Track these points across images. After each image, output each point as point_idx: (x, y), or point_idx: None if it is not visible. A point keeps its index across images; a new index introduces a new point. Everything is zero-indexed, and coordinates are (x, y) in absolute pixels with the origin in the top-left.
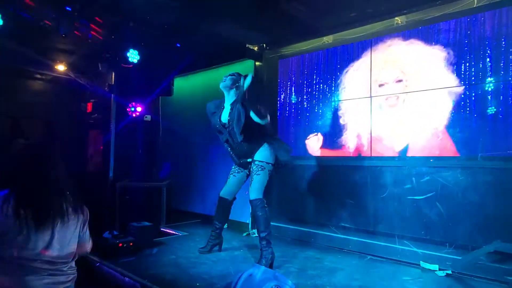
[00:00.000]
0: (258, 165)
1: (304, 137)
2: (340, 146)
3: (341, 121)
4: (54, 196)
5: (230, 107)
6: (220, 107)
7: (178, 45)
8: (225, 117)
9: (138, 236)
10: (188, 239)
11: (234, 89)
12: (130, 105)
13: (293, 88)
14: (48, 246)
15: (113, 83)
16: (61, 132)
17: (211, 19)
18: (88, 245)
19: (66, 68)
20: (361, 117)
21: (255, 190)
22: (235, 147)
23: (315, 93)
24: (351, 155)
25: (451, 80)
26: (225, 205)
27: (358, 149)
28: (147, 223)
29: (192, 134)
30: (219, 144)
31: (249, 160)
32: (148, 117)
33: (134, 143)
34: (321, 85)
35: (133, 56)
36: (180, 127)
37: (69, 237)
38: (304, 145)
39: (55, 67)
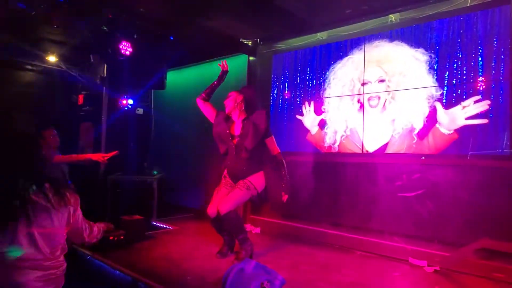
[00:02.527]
0: (246, 183)
1: (296, 133)
2: (331, 143)
3: (335, 118)
4: (22, 191)
5: (241, 123)
6: (229, 120)
7: (172, 38)
8: (235, 130)
9: (129, 230)
10: (180, 233)
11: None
12: (122, 97)
13: (286, 84)
14: (19, 243)
15: (105, 75)
16: (52, 124)
17: (205, 12)
18: (85, 232)
19: (57, 59)
20: (355, 114)
21: (230, 203)
22: (234, 162)
23: (308, 89)
24: (343, 151)
25: (442, 78)
26: (213, 221)
27: (349, 145)
28: (138, 217)
29: (184, 127)
30: (212, 138)
31: (241, 178)
32: (140, 110)
33: (125, 136)
34: (315, 81)
35: (126, 48)
36: (173, 121)
37: (50, 232)
38: (296, 141)
39: (46, 58)
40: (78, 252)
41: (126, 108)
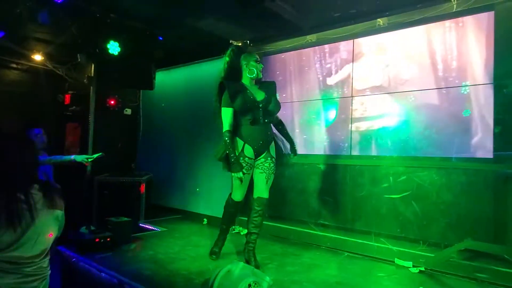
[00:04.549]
0: (275, 163)
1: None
2: (321, 144)
3: (323, 120)
4: (15, 192)
5: (257, 87)
6: (243, 88)
7: (161, 38)
8: (259, 96)
9: (116, 232)
10: (167, 235)
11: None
12: (109, 98)
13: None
14: (12, 246)
15: (92, 75)
16: (37, 124)
17: (194, 13)
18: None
19: (43, 58)
20: (342, 115)
21: (268, 189)
22: (261, 130)
23: (298, 91)
24: (331, 153)
25: (431, 82)
26: (238, 209)
27: (338, 147)
28: (125, 218)
29: (173, 128)
30: (201, 140)
31: (266, 148)
32: (128, 111)
33: (113, 136)
34: (304, 83)
35: (114, 48)
36: (161, 122)
37: (39, 235)
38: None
39: (32, 56)
40: (63, 254)
41: (114, 109)
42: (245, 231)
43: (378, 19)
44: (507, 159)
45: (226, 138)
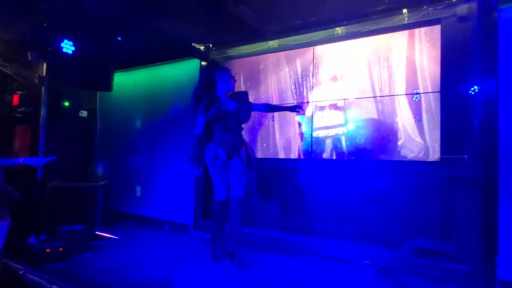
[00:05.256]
0: (245, 164)
1: (248, 140)
2: (282, 149)
3: (283, 124)
4: None
5: (230, 98)
6: (217, 99)
7: (119, 38)
8: (231, 106)
9: (69, 241)
10: (125, 242)
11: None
12: (63, 99)
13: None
14: None
15: (44, 74)
16: None
17: (156, 14)
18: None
19: None
20: (303, 120)
21: (243, 188)
22: (232, 137)
23: (261, 95)
24: (292, 157)
25: (385, 89)
26: (224, 208)
27: (299, 151)
28: (79, 226)
29: (132, 132)
30: (161, 144)
31: (236, 152)
32: (84, 113)
33: (67, 140)
34: (266, 88)
35: (68, 46)
36: (120, 125)
37: None
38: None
39: None
40: (10, 266)
41: (68, 110)
42: (207, 236)
43: (337, 28)
44: (452, 162)
45: (194, 140)
